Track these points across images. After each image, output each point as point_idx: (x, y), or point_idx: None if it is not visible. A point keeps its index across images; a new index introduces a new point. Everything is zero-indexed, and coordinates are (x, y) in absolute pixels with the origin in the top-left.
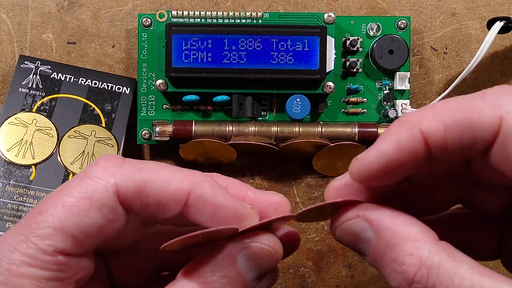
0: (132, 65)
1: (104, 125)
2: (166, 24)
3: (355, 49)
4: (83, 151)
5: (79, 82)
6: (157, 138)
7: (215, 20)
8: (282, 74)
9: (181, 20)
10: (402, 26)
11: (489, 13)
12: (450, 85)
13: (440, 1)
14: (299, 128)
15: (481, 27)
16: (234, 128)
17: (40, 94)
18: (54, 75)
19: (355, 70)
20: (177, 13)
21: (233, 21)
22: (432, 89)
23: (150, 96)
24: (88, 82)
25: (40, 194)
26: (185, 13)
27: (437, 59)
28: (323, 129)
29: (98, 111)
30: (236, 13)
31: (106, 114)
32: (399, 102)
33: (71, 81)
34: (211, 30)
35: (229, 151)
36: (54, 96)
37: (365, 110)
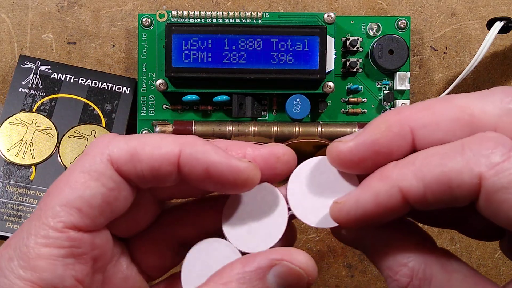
0: (132, 65)
1: (104, 125)
2: (166, 24)
3: (355, 49)
4: (83, 151)
5: (79, 82)
6: None
7: (215, 20)
8: (282, 74)
9: (181, 20)
10: (402, 26)
11: (489, 13)
12: (450, 85)
13: (440, 1)
14: (299, 128)
15: (481, 27)
16: (234, 128)
17: (40, 94)
18: (54, 75)
19: (355, 70)
20: (177, 13)
21: (233, 21)
22: (432, 89)
23: (150, 96)
24: (88, 82)
25: (40, 194)
26: (185, 13)
27: (437, 59)
28: (323, 129)
29: (98, 111)
30: (236, 13)
31: (106, 114)
32: (399, 102)
33: (71, 81)
34: (211, 30)
35: None
36: (54, 96)
37: (365, 110)
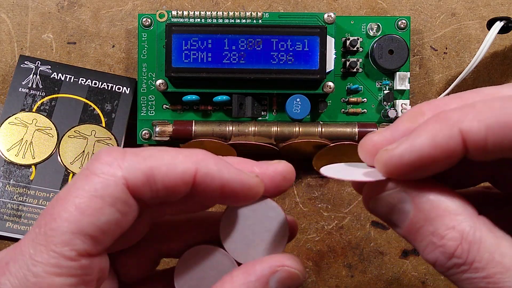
0: (132, 65)
1: (104, 125)
2: (166, 24)
3: (355, 49)
4: (83, 151)
5: (79, 82)
6: (157, 138)
7: (215, 20)
8: (282, 74)
9: (181, 20)
10: (402, 26)
11: (489, 13)
12: (450, 85)
13: (440, 1)
14: (299, 128)
15: (481, 27)
16: (234, 128)
17: (40, 94)
18: (54, 75)
19: (355, 70)
20: (177, 13)
21: (233, 21)
22: (432, 89)
23: (150, 96)
24: (88, 82)
25: (40, 194)
26: (185, 13)
27: (437, 59)
28: (323, 129)
29: (98, 111)
30: (236, 13)
31: (106, 114)
32: (399, 102)
33: (71, 81)
34: (211, 30)
35: (229, 151)
36: (54, 96)
37: (365, 110)
